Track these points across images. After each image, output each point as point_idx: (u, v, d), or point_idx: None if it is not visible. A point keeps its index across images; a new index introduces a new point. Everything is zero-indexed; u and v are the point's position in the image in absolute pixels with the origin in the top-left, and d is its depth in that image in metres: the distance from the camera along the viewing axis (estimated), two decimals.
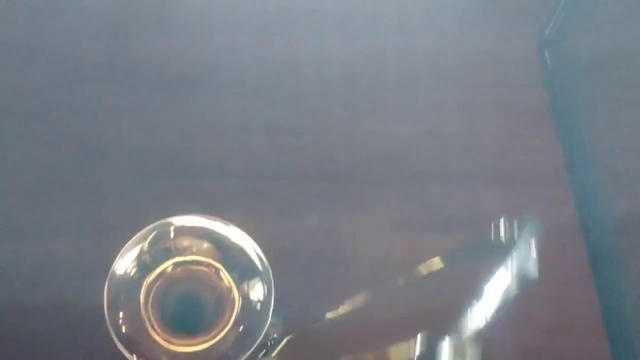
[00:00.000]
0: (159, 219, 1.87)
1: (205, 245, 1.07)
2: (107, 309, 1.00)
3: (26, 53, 2.10)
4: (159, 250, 1.05)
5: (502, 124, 1.97)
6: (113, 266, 1.02)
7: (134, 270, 1.03)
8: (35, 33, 2.13)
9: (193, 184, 1.90)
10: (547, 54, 2.03)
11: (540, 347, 1.68)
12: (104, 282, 1.05)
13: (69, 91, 2.04)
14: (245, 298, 1.04)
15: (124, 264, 1.02)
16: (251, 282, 1.04)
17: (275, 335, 1.23)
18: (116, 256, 1.04)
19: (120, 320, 1.00)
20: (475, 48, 2.06)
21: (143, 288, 1.03)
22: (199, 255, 1.06)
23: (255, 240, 1.91)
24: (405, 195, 1.90)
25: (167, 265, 1.05)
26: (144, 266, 1.04)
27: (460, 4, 2.11)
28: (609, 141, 1.85)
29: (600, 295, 1.70)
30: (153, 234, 1.04)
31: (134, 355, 0.99)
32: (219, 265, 1.06)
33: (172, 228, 1.05)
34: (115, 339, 0.99)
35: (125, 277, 1.02)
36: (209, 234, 1.07)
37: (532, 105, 1.98)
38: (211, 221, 1.08)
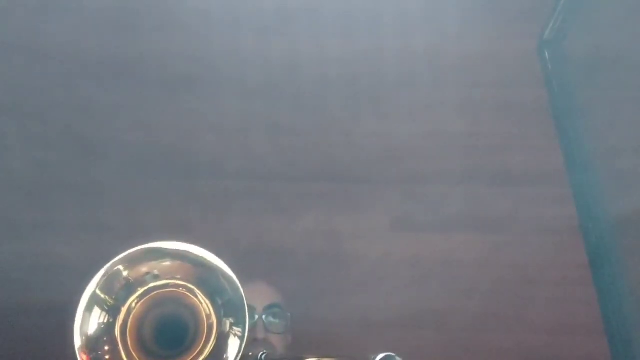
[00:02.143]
0: (158, 218, 1.89)
1: (168, 266, 1.05)
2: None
3: (25, 52, 2.10)
4: (119, 290, 1.04)
5: (502, 124, 1.97)
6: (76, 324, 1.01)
7: (102, 319, 1.02)
8: (35, 32, 2.13)
9: (192, 184, 1.91)
10: (547, 54, 2.03)
11: (540, 347, 1.69)
12: None
13: (68, 90, 2.04)
14: (219, 312, 1.03)
15: (89, 321, 1.02)
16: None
17: (266, 351, 1.24)
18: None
19: (104, 354, 1.01)
20: (475, 48, 2.05)
21: (117, 327, 1.02)
22: (165, 278, 1.05)
23: (255, 239, 1.93)
24: (405, 195, 1.90)
25: (135, 297, 1.05)
26: (110, 310, 1.03)
27: (460, 4, 2.11)
28: (609, 141, 1.85)
29: (600, 295, 1.69)
30: (103, 280, 1.03)
31: None
32: (191, 286, 1.05)
33: (120, 267, 1.04)
34: None
35: (97, 331, 1.01)
36: (163, 256, 1.06)
37: (532, 105, 1.98)
38: (161, 244, 1.06)
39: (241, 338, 1.01)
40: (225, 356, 1.00)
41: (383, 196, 1.90)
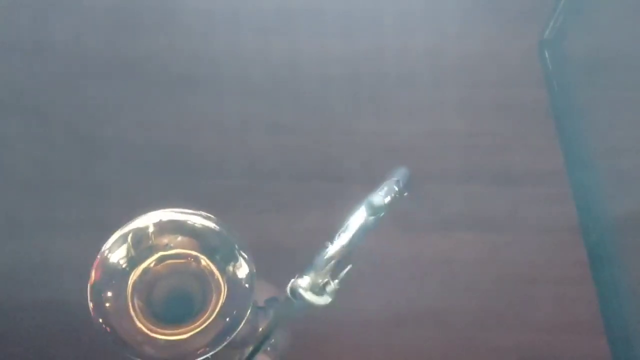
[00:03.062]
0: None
1: (187, 238, 1.09)
2: (92, 287, 1.02)
3: (27, 51, 2.11)
4: (144, 247, 1.07)
5: (502, 124, 1.97)
6: (104, 248, 1.04)
7: (122, 262, 1.05)
8: (37, 31, 2.14)
9: (193, 183, 1.91)
10: (547, 54, 2.04)
11: (540, 347, 1.69)
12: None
13: (70, 89, 2.05)
14: (230, 283, 1.06)
15: (114, 252, 1.05)
16: (235, 270, 1.07)
17: (273, 340, 1.24)
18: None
19: (105, 300, 1.02)
20: (475, 48, 2.06)
21: (130, 280, 1.05)
22: (183, 248, 1.08)
23: (255, 239, 1.92)
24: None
25: (153, 259, 1.07)
26: (131, 259, 1.06)
27: (460, 4, 2.12)
28: (609, 141, 1.85)
29: (600, 295, 1.70)
30: (134, 229, 1.06)
31: (108, 328, 1.01)
32: (202, 256, 1.08)
33: (150, 224, 1.07)
34: (95, 315, 1.01)
35: (114, 266, 1.04)
36: (186, 227, 1.09)
37: (532, 105, 1.98)
38: (186, 214, 1.10)
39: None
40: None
41: None
